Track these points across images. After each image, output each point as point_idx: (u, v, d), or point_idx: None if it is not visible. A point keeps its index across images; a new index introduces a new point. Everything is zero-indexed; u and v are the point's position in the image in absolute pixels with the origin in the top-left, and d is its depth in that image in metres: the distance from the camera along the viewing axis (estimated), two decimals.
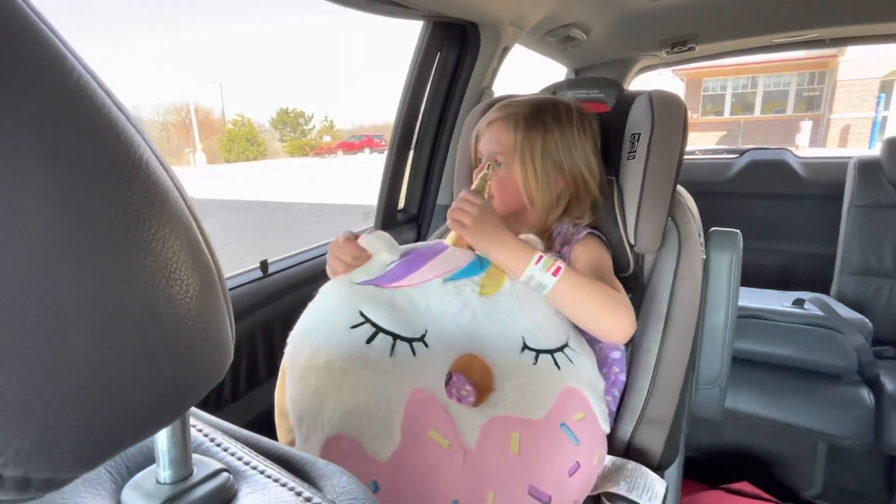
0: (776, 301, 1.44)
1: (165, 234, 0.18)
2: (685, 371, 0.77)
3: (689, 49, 1.64)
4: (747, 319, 1.33)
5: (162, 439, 0.24)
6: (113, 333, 0.16)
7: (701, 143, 13.39)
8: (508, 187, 0.79)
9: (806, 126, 11.96)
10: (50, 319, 0.15)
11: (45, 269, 0.15)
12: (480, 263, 0.67)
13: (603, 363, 0.79)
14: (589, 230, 0.80)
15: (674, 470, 0.85)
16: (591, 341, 0.77)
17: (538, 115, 0.78)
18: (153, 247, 0.17)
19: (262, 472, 0.27)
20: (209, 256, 0.20)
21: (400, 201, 1.32)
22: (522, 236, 0.72)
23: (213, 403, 0.86)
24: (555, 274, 0.65)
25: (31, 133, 0.15)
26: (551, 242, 0.82)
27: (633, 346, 0.83)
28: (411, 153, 1.30)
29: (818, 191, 1.81)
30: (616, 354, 0.79)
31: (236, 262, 0.98)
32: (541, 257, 0.66)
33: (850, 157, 1.67)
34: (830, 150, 11.00)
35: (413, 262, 0.62)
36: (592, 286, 0.67)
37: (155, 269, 0.17)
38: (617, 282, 0.73)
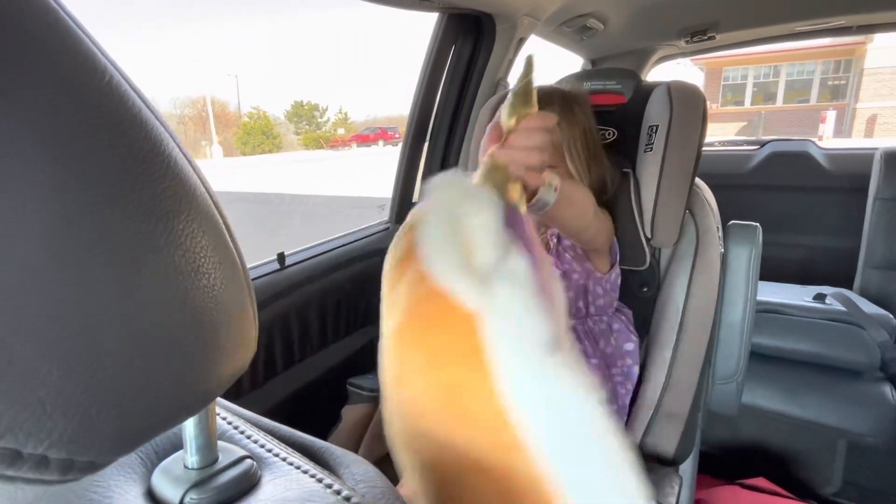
0: (797, 296, 1.41)
1: (194, 229, 0.18)
2: (701, 366, 0.77)
3: (710, 38, 1.60)
4: (767, 314, 1.31)
5: (189, 427, 0.25)
6: (145, 326, 0.17)
7: (720, 134, 13.11)
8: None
9: (830, 116, 11.63)
10: (85, 312, 0.16)
11: (80, 262, 0.15)
12: None
13: (616, 354, 0.79)
14: None
15: (689, 464, 0.84)
16: (606, 332, 0.77)
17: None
18: (182, 242, 0.18)
19: (283, 460, 0.27)
20: (234, 251, 0.21)
21: (415, 194, 1.33)
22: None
23: (233, 393, 0.88)
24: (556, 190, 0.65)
25: (65, 133, 0.15)
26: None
27: (648, 340, 0.82)
28: (426, 145, 1.30)
29: (842, 183, 1.76)
30: (629, 346, 0.79)
31: (255, 254, 1.00)
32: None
33: (875, 148, 1.63)
34: (856, 141, 10.68)
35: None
36: (582, 192, 0.66)
37: (184, 263, 0.18)
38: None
